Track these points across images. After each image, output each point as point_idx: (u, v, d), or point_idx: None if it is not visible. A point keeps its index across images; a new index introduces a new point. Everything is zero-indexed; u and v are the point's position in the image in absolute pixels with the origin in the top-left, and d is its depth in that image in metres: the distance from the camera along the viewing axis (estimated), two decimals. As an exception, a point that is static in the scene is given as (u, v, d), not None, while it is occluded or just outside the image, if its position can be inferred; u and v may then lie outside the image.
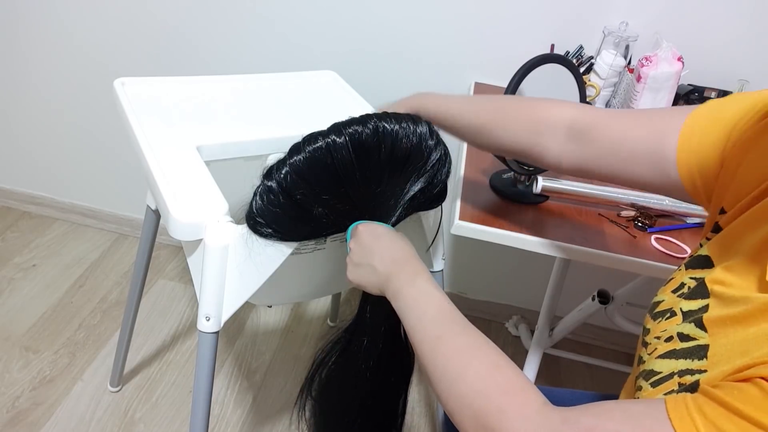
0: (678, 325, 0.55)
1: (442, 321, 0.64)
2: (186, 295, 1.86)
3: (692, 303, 0.55)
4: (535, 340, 1.41)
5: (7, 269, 1.86)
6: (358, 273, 0.76)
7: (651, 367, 0.55)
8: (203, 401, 0.91)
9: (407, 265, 0.72)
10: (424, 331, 0.64)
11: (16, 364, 1.57)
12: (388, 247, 0.74)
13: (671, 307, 0.58)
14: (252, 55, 1.61)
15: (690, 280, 0.58)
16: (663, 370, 0.53)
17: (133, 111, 1.00)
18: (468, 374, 0.56)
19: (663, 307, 0.60)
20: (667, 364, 0.53)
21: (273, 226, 0.75)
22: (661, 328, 0.58)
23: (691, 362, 0.50)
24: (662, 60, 1.18)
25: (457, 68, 1.52)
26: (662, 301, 0.61)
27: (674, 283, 0.60)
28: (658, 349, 0.56)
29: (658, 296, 0.62)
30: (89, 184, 1.99)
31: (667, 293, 0.61)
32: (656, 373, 0.53)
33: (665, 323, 0.57)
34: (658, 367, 0.54)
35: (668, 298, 0.60)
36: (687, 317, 0.55)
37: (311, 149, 0.73)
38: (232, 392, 1.58)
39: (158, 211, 1.15)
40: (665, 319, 0.58)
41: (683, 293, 0.58)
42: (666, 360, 0.53)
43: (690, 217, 1.06)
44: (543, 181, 1.04)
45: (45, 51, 1.74)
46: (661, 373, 0.53)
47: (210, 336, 0.85)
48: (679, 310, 0.56)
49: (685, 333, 0.53)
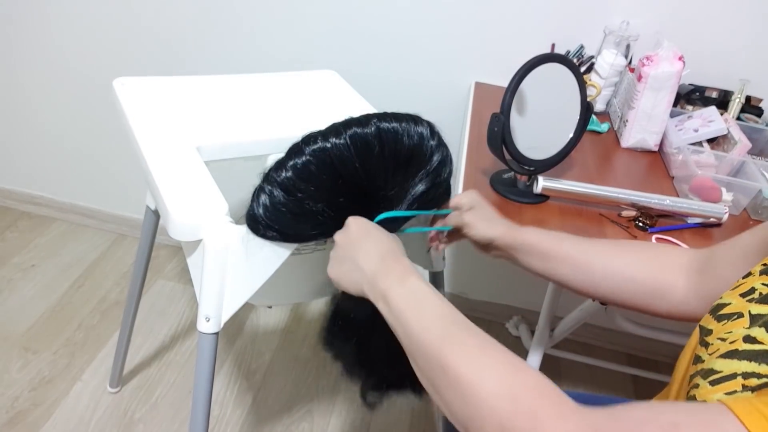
0: (745, 328, 0.53)
1: (444, 321, 0.59)
2: (185, 296, 1.85)
3: (763, 307, 0.54)
4: (535, 340, 1.41)
5: (6, 269, 1.86)
6: (340, 269, 0.71)
7: (711, 366, 0.52)
8: (203, 402, 0.91)
9: (396, 264, 0.67)
10: (425, 334, 0.58)
11: (15, 364, 1.57)
12: (375, 244, 0.70)
13: (739, 310, 0.56)
14: (252, 55, 1.61)
15: (762, 287, 0.56)
16: (724, 369, 0.51)
17: (132, 111, 1.00)
18: (487, 378, 0.52)
19: (730, 310, 0.57)
20: (728, 364, 0.51)
21: (273, 227, 0.75)
22: (726, 329, 0.55)
23: (758, 366, 0.48)
24: (663, 59, 1.18)
25: (458, 68, 1.52)
26: (729, 303, 0.58)
27: (744, 287, 0.58)
28: (721, 349, 0.53)
29: (723, 299, 0.60)
30: (88, 184, 1.99)
31: (735, 296, 0.58)
32: (716, 371, 0.51)
33: (731, 324, 0.55)
34: (719, 366, 0.51)
35: (736, 302, 0.58)
36: (756, 321, 0.53)
37: (311, 150, 0.72)
38: (232, 392, 1.58)
39: (158, 211, 1.15)
40: (731, 321, 0.56)
41: (754, 298, 0.56)
42: (727, 360, 0.51)
43: (691, 217, 1.05)
44: (543, 181, 1.04)
45: (44, 51, 1.73)
46: (722, 372, 0.51)
47: (210, 337, 0.84)
48: (747, 313, 0.54)
49: (752, 335, 0.51)
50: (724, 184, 1.09)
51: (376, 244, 0.70)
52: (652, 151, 1.29)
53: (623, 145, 1.29)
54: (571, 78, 1.02)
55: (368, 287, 0.66)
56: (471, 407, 0.51)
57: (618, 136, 1.32)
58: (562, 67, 1.00)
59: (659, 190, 1.13)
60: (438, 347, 0.56)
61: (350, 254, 0.70)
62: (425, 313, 0.60)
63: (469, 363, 0.54)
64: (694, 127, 1.25)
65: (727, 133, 1.23)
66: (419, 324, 0.59)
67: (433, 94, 1.56)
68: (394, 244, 0.71)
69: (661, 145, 1.28)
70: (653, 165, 1.25)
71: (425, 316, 0.60)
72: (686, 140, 1.23)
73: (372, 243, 0.70)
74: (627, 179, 1.19)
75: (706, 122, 1.25)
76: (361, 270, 0.68)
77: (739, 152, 1.19)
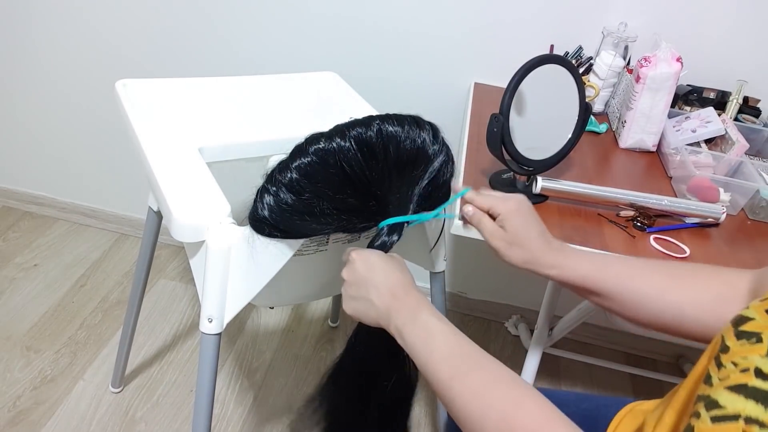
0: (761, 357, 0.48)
1: (452, 359, 0.62)
2: (187, 295, 1.86)
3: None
4: (534, 339, 1.41)
5: (8, 269, 1.86)
6: (355, 306, 0.73)
7: (716, 397, 0.48)
8: (206, 402, 0.91)
9: (407, 298, 0.69)
10: (436, 372, 0.61)
11: (18, 363, 1.57)
12: (384, 280, 0.71)
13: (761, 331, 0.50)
14: (253, 56, 1.62)
15: None
16: (728, 406, 0.46)
17: (134, 112, 1.01)
18: (490, 417, 0.55)
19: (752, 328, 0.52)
20: (734, 400, 0.46)
21: (278, 225, 0.75)
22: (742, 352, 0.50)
23: (764, 411, 0.44)
24: (661, 60, 1.19)
25: (457, 69, 1.52)
26: (753, 319, 0.53)
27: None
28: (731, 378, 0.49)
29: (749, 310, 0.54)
30: (90, 184, 2.00)
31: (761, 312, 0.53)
32: (719, 406, 0.47)
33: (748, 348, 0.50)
34: (723, 400, 0.47)
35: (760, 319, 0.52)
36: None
37: (314, 150, 0.72)
38: (233, 391, 1.59)
39: (160, 212, 1.15)
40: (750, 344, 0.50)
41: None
42: (734, 395, 0.46)
43: (688, 217, 1.06)
44: (542, 181, 1.04)
45: (46, 51, 1.74)
46: (725, 409, 0.46)
47: (212, 337, 0.85)
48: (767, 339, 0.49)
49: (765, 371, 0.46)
50: (722, 185, 1.10)
51: (384, 279, 0.71)
52: (650, 151, 1.29)
53: (621, 146, 1.30)
54: (570, 79, 1.03)
55: (384, 323, 0.70)
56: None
57: (616, 137, 1.33)
58: (561, 68, 1.01)
59: (657, 190, 1.13)
60: (447, 385, 0.60)
61: (361, 293, 0.72)
62: (436, 349, 0.63)
63: (473, 402, 0.57)
64: (692, 127, 1.26)
65: (725, 134, 1.24)
66: (430, 360, 0.63)
67: (432, 95, 1.57)
68: (401, 273, 0.72)
69: (659, 145, 1.29)
70: (651, 165, 1.26)
71: (435, 352, 0.63)
72: (684, 141, 1.24)
73: (380, 278, 0.71)
74: (625, 179, 1.19)
75: (703, 123, 1.25)
76: (376, 308, 0.70)
77: (737, 152, 1.20)
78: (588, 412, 0.88)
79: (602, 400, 0.90)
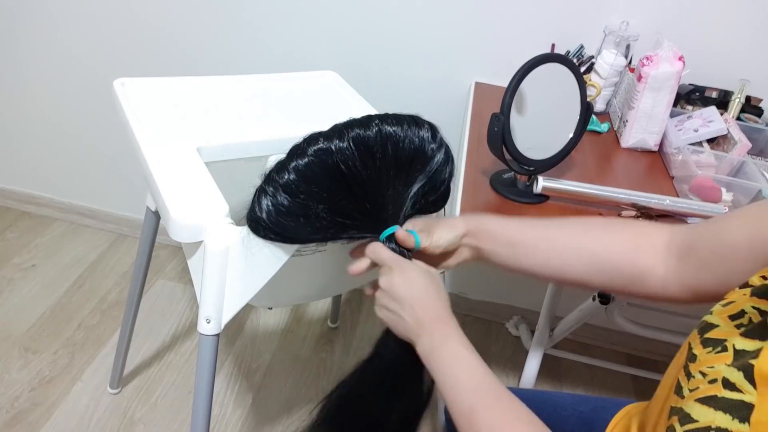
0: (727, 366, 0.48)
1: (475, 391, 0.63)
2: (185, 296, 1.85)
3: (748, 342, 0.48)
4: (535, 340, 1.41)
5: (6, 269, 1.86)
6: (387, 316, 0.74)
7: (689, 411, 0.48)
8: (204, 403, 0.91)
9: (439, 323, 0.70)
10: (458, 401, 0.64)
11: (16, 364, 1.57)
12: (420, 301, 0.71)
13: (725, 338, 0.50)
14: (253, 56, 1.61)
15: (753, 311, 0.50)
16: (700, 419, 0.46)
17: (132, 111, 1.00)
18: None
19: (716, 335, 0.52)
20: (705, 413, 0.46)
21: (274, 228, 0.74)
22: (708, 362, 0.50)
23: (731, 421, 0.44)
24: (663, 59, 1.18)
25: (458, 68, 1.52)
26: (717, 326, 0.53)
27: (734, 308, 0.52)
28: (700, 389, 0.49)
29: (713, 316, 0.54)
30: (88, 184, 1.99)
31: (724, 318, 0.52)
32: (692, 420, 0.47)
33: (714, 357, 0.50)
34: (696, 413, 0.47)
35: (724, 326, 0.52)
36: (738, 358, 0.47)
37: (313, 151, 0.72)
38: (232, 392, 1.58)
39: (158, 212, 1.15)
40: (715, 352, 0.50)
41: (742, 324, 0.50)
42: (704, 407, 0.47)
43: (690, 217, 1.05)
44: (543, 181, 1.04)
45: (44, 51, 1.73)
46: (697, 423, 0.46)
47: (211, 338, 0.85)
48: (731, 347, 0.49)
49: (731, 381, 0.46)
50: (724, 184, 1.09)
51: (420, 300, 0.71)
52: (652, 151, 1.29)
53: (623, 145, 1.29)
54: (571, 78, 1.02)
55: (413, 341, 0.71)
56: None
57: (618, 136, 1.32)
58: (562, 67, 1.00)
59: (659, 190, 1.13)
60: (467, 416, 0.62)
61: (395, 308, 0.72)
62: (460, 380, 0.65)
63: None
64: (694, 127, 1.25)
65: (727, 133, 1.23)
66: (454, 389, 0.65)
67: (433, 95, 1.56)
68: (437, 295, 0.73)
69: (661, 145, 1.28)
70: (653, 165, 1.25)
71: (460, 383, 0.65)
72: (686, 140, 1.23)
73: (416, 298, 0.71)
74: (627, 179, 1.19)
75: (705, 122, 1.25)
76: (407, 324, 0.71)
77: (739, 152, 1.19)
78: (586, 414, 0.88)
79: (600, 402, 0.90)
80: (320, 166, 0.72)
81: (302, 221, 0.73)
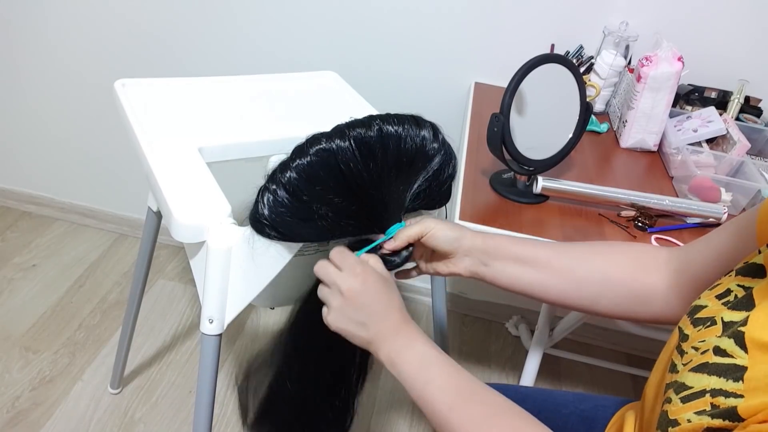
0: (717, 338, 0.51)
1: (450, 390, 0.62)
2: (186, 295, 1.86)
3: (735, 314, 0.51)
4: (535, 340, 1.41)
5: (6, 269, 1.86)
6: (344, 325, 0.69)
7: (683, 380, 0.51)
8: (206, 403, 0.91)
9: (404, 327, 0.68)
10: (434, 402, 0.61)
11: (16, 364, 1.57)
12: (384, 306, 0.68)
13: (714, 315, 0.54)
14: (253, 56, 1.61)
15: (738, 288, 0.54)
16: (694, 385, 0.49)
17: (133, 112, 1.00)
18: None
19: (705, 314, 0.55)
20: (699, 379, 0.49)
21: (277, 228, 0.75)
22: (700, 337, 0.53)
23: (725, 382, 0.47)
24: (662, 60, 1.18)
25: (457, 68, 1.52)
26: (705, 306, 0.56)
27: (720, 289, 0.56)
28: (693, 360, 0.52)
29: (701, 300, 0.57)
30: (89, 184, 1.99)
31: (711, 298, 0.56)
32: (687, 387, 0.50)
33: (705, 332, 0.53)
34: (690, 381, 0.50)
35: (711, 305, 0.55)
36: (727, 329, 0.51)
37: (315, 151, 0.72)
38: (232, 392, 1.58)
39: (159, 212, 1.15)
40: (705, 328, 0.54)
41: (728, 301, 0.54)
42: (698, 374, 0.50)
43: (690, 217, 1.06)
44: (543, 181, 1.04)
45: (44, 51, 1.73)
46: (692, 389, 0.49)
47: (213, 338, 0.85)
48: (720, 320, 0.52)
49: (722, 347, 0.49)
50: (723, 184, 1.10)
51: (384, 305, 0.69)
52: (652, 151, 1.29)
53: (622, 146, 1.30)
54: (571, 78, 1.03)
55: (373, 348, 0.68)
56: None
57: (617, 137, 1.33)
58: (562, 67, 1.01)
59: (658, 190, 1.13)
60: (446, 415, 0.60)
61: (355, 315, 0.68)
62: (433, 380, 0.63)
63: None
64: (694, 127, 1.25)
65: (726, 134, 1.23)
66: (427, 389, 0.62)
67: (432, 95, 1.56)
68: (398, 301, 0.70)
69: (660, 145, 1.29)
70: (652, 165, 1.26)
71: (433, 383, 0.63)
72: (685, 140, 1.23)
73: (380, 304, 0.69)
74: (626, 179, 1.19)
75: (705, 122, 1.25)
76: (368, 331, 0.67)
77: (738, 152, 1.19)
78: (586, 412, 0.88)
79: (601, 401, 0.91)
80: (323, 165, 0.72)
81: (304, 220, 0.74)
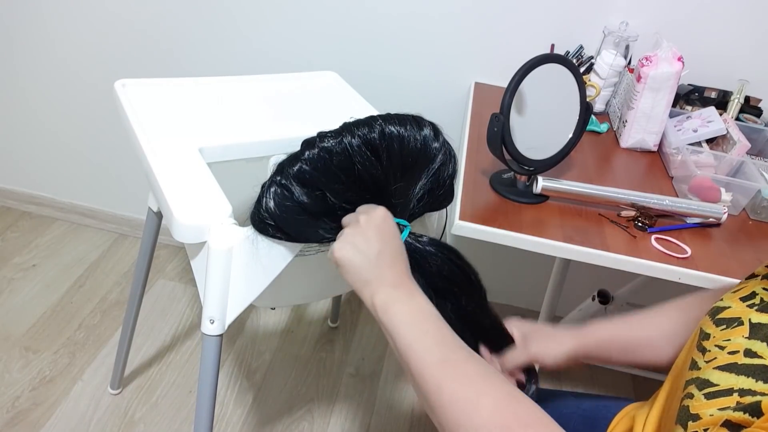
0: (745, 338, 0.52)
1: (446, 344, 0.60)
2: (186, 295, 1.86)
3: (765, 316, 0.53)
4: (535, 339, 1.41)
5: (6, 269, 1.86)
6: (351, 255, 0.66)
7: (707, 377, 0.52)
8: (207, 403, 0.91)
9: (408, 280, 0.67)
10: (425, 352, 0.58)
11: (16, 364, 1.57)
12: (394, 253, 0.67)
13: (739, 316, 0.55)
14: (252, 57, 1.61)
15: (764, 291, 0.56)
16: (721, 383, 0.50)
17: (134, 113, 1.00)
18: (483, 404, 0.52)
19: (729, 315, 0.56)
20: (726, 378, 0.50)
21: (280, 225, 0.74)
22: (724, 336, 0.55)
23: (755, 382, 0.48)
24: (662, 60, 1.19)
25: (457, 68, 1.52)
26: (729, 307, 0.57)
27: (744, 291, 0.58)
28: (718, 359, 0.53)
29: (724, 301, 0.59)
30: (89, 184, 1.99)
31: (735, 300, 0.57)
32: (712, 384, 0.51)
33: (730, 332, 0.54)
34: (716, 378, 0.51)
35: (736, 306, 0.57)
36: (756, 331, 0.52)
37: (318, 149, 0.72)
38: (233, 392, 1.58)
39: (160, 212, 1.15)
40: (731, 328, 0.55)
41: (755, 304, 0.55)
42: (725, 373, 0.51)
43: (690, 217, 1.06)
44: (543, 181, 1.04)
45: (44, 50, 1.73)
46: (718, 386, 0.50)
47: (214, 339, 0.85)
48: (747, 321, 0.54)
49: (754, 350, 0.50)
50: (723, 184, 1.10)
51: (394, 253, 0.68)
52: (652, 151, 1.29)
53: (622, 146, 1.30)
54: (571, 78, 1.03)
55: (369, 289, 0.65)
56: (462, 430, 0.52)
57: (617, 137, 1.33)
58: (562, 67, 1.01)
59: (658, 190, 1.13)
60: (438, 368, 0.57)
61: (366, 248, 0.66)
62: (429, 333, 0.60)
63: (467, 387, 0.54)
64: (694, 127, 1.25)
65: (726, 134, 1.23)
66: (420, 340, 0.60)
67: (432, 95, 1.56)
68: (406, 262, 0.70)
69: (660, 145, 1.29)
70: (652, 165, 1.26)
71: (428, 336, 0.60)
72: (685, 140, 1.23)
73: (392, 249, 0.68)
74: (626, 179, 1.19)
75: (705, 122, 1.25)
76: (372, 269, 0.66)
77: (738, 152, 1.19)
78: (588, 412, 0.88)
79: (602, 401, 0.91)
80: (330, 160, 0.72)
81: (310, 215, 0.74)
